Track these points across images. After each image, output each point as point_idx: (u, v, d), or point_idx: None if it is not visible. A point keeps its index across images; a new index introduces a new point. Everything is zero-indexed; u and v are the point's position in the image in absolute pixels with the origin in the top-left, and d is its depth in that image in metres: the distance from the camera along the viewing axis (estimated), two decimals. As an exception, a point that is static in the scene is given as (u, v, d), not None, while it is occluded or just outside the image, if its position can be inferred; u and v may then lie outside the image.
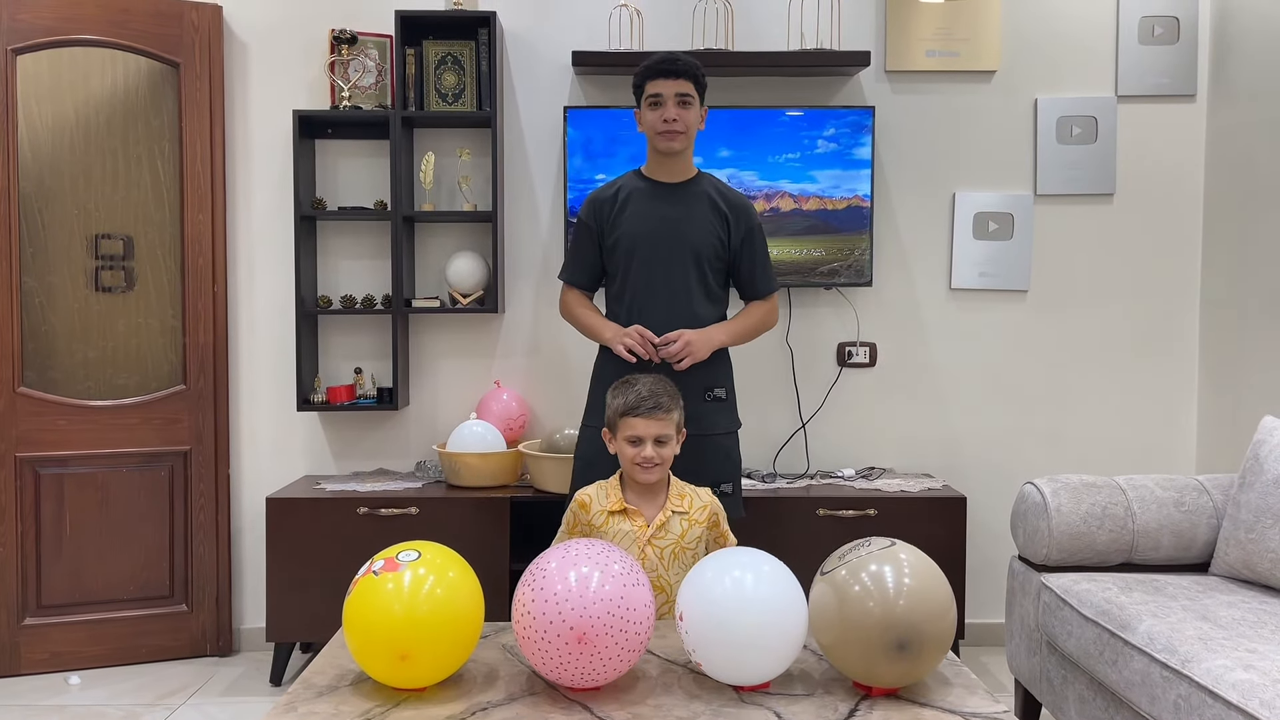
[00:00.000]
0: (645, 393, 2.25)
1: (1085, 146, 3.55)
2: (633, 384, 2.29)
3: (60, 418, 3.32)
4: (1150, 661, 2.10)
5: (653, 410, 2.22)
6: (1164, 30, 3.54)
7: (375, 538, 3.12)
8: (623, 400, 2.26)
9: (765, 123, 3.42)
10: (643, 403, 2.23)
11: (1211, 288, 3.54)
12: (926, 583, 1.68)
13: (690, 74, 2.61)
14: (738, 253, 2.73)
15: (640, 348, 2.60)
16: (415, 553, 1.76)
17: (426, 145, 3.54)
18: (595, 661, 1.65)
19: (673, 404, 2.27)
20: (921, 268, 3.59)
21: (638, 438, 2.23)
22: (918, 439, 3.62)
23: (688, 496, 2.30)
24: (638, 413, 2.23)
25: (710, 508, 2.30)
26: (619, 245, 2.70)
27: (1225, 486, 2.69)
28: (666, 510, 2.26)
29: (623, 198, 2.71)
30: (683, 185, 2.71)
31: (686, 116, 2.62)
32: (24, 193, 3.28)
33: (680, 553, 2.24)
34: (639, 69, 2.65)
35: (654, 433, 2.22)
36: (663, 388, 2.28)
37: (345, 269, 3.58)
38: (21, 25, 3.23)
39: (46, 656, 3.32)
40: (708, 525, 2.28)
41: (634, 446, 2.24)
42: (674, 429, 2.26)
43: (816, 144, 3.42)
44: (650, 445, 2.22)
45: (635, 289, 2.68)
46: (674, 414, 2.26)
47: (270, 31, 3.51)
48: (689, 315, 2.66)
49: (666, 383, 2.32)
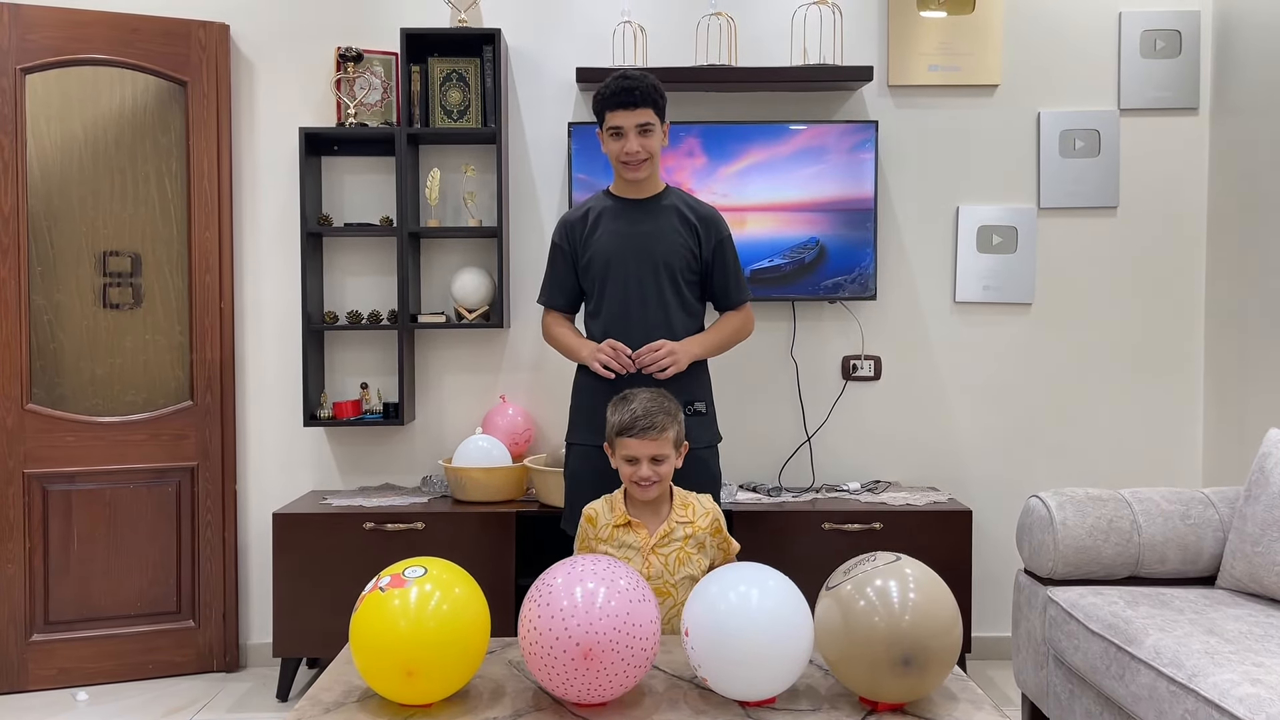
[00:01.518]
0: (640, 411, 2.23)
1: (1088, 160, 3.56)
2: (629, 401, 2.27)
3: (68, 434, 3.33)
4: (1157, 676, 2.09)
5: (646, 430, 2.21)
6: (1166, 43, 3.55)
7: (381, 553, 3.13)
8: (618, 419, 2.26)
9: (769, 137, 3.43)
10: (637, 422, 2.22)
11: (1216, 300, 3.54)
12: (932, 598, 1.68)
13: (649, 101, 2.59)
14: (709, 264, 2.75)
15: (614, 361, 2.62)
16: (421, 568, 1.77)
17: (432, 162, 3.56)
18: (601, 677, 1.65)
19: (669, 421, 2.25)
20: (925, 281, 3.60)
21: (634, 457, 2.23)
22: (923, 452, 3.62)
23: (690, 505, 2.31)
24: (632, 433, 2.22)
25: (713, 514, 2.31)
26: (592, 264, 2.72)
27: (1231, 499, 2.69)
28: (670, 520, 2.27)
29: (593, 218, 2.74)
30: (651, 200, 2.74)
31: (649, 144, 2.62)
32: (33, 211, 3.31)
33: (685, 559, 2.25)
34: (597, 95, 2.63)
35: (649, 453, 2.22)
36: (659, 405, 2.26)
37: (351, 285, 3.59)
38: (31, 45, 3.26)
39: (54, 673, 3.33)
40: (711, 531, 2.29)
41: (631, 465, 2.24)
42: (671, 446, 2.25)
43: (819, 159, 3.44)
44: (646, 465, 2.22)
45: (611, 306, 2.70)
46: (670, 431, 2.24)
47: (276, 49, 3.54)
48: (665, 328, 2.67)
49: (664, 399, 2.30)
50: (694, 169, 3.43)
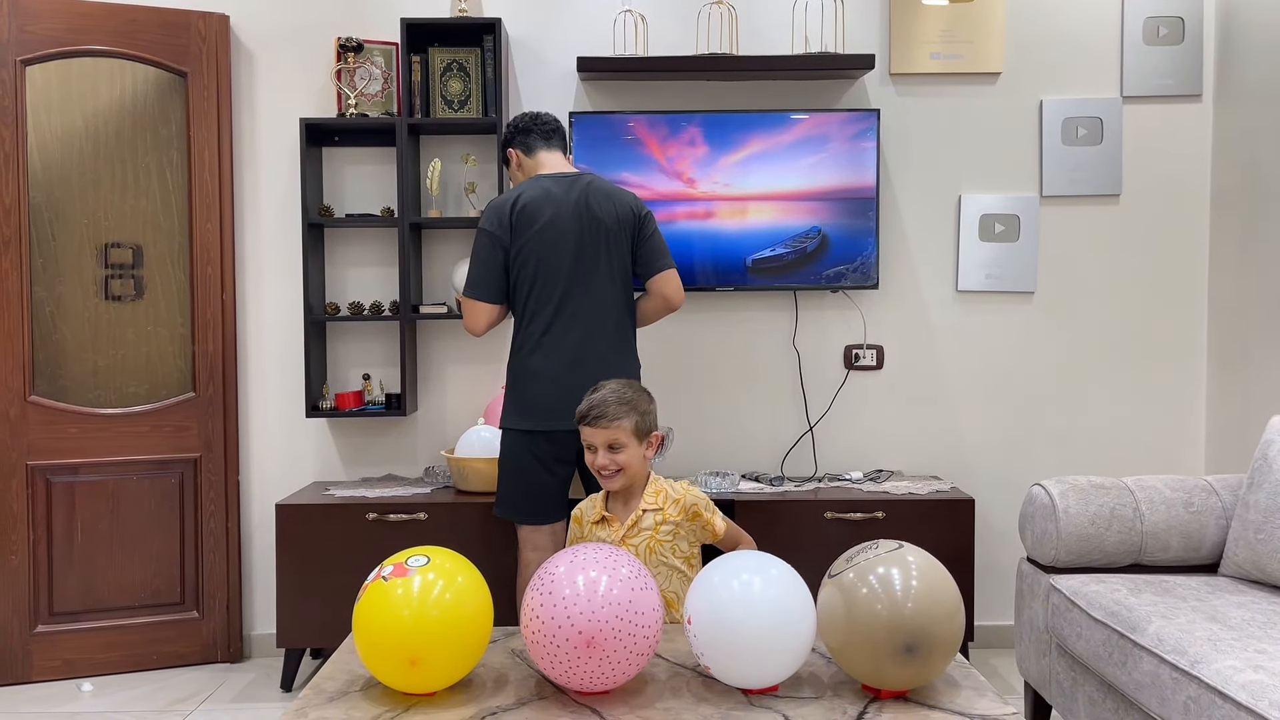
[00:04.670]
0: (595, 400, 2.28)
1: (1091, 148, 3.55)
2: (595, 390, 2.32)
3: (71, 426, 3.34)
4: (1160, 663, 2.09)
5: (596, 420, 2.26)
6: (1169, 31, 3.54)
7: (384, 543, 3.13)
8: (579, 408, 2.31)
9: (770, 126, 3.42)
10: (590, 410, 2.27)
11: (1219, 288, 3.53)
12: (934, 585, 1.68)
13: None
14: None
15: None
16: (424, 558, 1.77)
17: (433, 152, 3.55)
18: (604, 665, 1.66)
19: (622, 410, 2.27)
20: (928, 270, 3.59)
21: (590, 444, 2.28)
22: (925, 441, 3.62)
23: (661, 492, 2.33)
24: (585, 421, 2.28)
25: (684, 501, 2.32)
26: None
27: (1234, 487, 2.69)
28: (637, 510, 2.29)
29: None
30: None
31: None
32: (34, 203, 3.30)
33: (656, 547, 2.29)
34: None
35: (602, 440, 2.26)
36: (617, 395, 2.29)
37: (353, 276, 3.59)
38: (30, 36, 3.25)
39: (58, 664, 3.34)
40: (684, 518, 2.30)
41: (590, 453, 2.30)
42: (629, 434, 2.27)
43: (821, 147, 3.43)
44: (602, 453, 2.26)
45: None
46: (624, 420, 2.26)
47: (277, 40, 3.53)
48: None
49: (628, 389, 2.33)
50: (695, 158, 3.42)
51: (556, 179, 2.86)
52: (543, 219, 2.79)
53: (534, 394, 2.78)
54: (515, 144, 2.96)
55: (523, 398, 2.80)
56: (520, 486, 2.83)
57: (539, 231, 2.78)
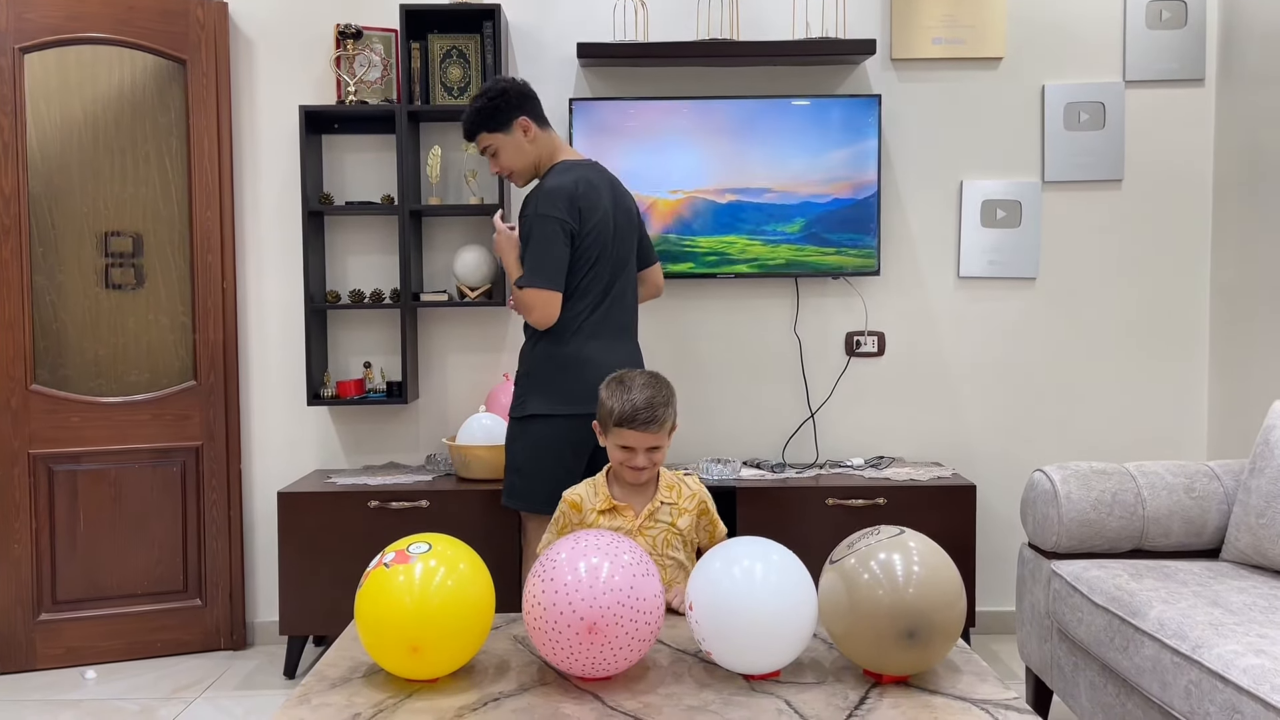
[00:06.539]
0: (641, 403, 2.16)
1: (1093, 133, 3.54)
2: (628, 387, 2.20)
3: (73, 415, 3.34)
4: (1161, 648, 2.10)
5: (647, 424, 2.16)
6: (1171, 15, 3.52)
7: (386, 531, 3.14)
8: (618, 408, 2.17)
9: (771, 112, 3.41)
10: (638, 414, 2.15)
11: (1221, 273, 3.53)
12: (936, 571, 1.68)
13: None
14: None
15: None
16: (426, 545, 1.77)
17: (433, 139, 3.54)
18: (606, 651, 1.66)
19: (667, 412, 2.20)
20: (929, 256, 3.59)
21: (630, 448, 2.18)
22: (926, 427, 3.62)
23: (676, 487, 2.27)
24: (633, 425, 2.16)
25: (699, 496, 2.28)
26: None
27: (1236, 472, 2.68)
28: (655, 500, 2.24)
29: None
30: None
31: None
32: (33, 192, 3.30)
33: (672, 539, 2.24)
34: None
35: (647, 444, 2.18)
36: (658, 394, 2.19)
37: (353, 264, 3.59)
38: (28, 24, 3.24)
39: (62, 652, 3.35)
40: (697, 513, 2.28)
41: (625, 452, 2.20)
42: (667, 434, 2.22)
43: (822, 133, 3.42)
44: (642, 455, 2.18)
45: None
46: (668, 422, 2.20)
47: (276, 27, 3.52)
48: None
49: (660, 384, 2.23)
50: (695, 145, 3.41)
51: (588, 165, 2.83)
52: (600, 207, 2.75)
53: (584, 377, 2.62)
54: (527, 110, 2.78)
55: (570, 380, 2.69)
56: (546, 474, 2.67)
57: (600, 220, 2.74)
